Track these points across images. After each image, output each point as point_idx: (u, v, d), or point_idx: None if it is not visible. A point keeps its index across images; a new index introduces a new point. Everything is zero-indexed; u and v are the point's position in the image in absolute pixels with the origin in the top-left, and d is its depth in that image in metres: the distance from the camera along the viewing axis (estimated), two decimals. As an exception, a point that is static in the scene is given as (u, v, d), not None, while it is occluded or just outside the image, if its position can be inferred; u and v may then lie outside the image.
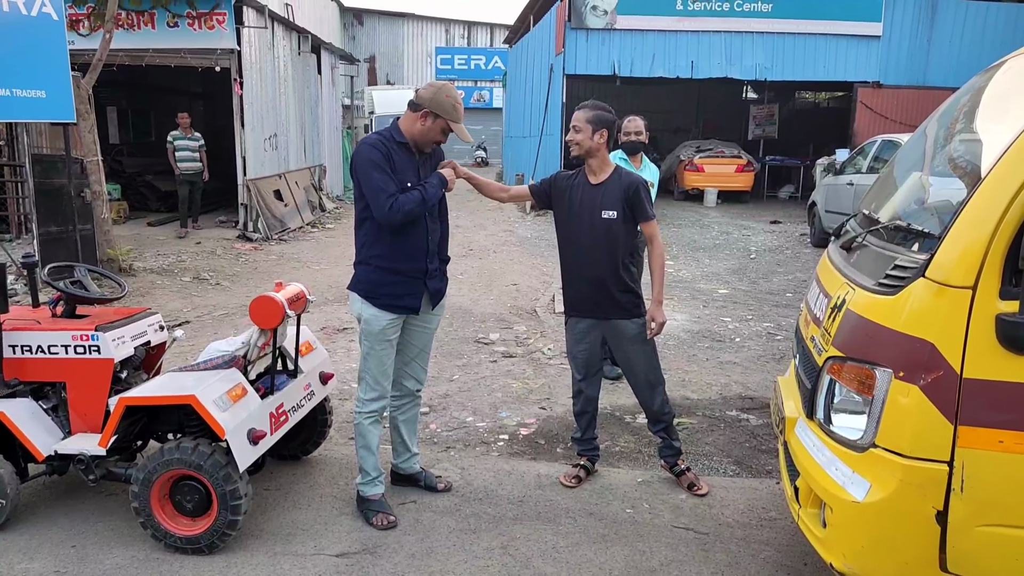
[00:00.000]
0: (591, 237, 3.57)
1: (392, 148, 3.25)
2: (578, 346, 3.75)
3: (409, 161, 3.31)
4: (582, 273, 3.63)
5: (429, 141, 3.31)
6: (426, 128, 3.26)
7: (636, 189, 3.57)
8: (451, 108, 3.25)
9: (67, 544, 3.22)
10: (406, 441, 3.69)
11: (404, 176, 3.25)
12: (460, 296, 8.22)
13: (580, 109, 3.62)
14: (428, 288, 3.42)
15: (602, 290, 3.59)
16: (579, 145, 3.57)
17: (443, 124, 3.26)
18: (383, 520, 3.36)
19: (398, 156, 3.25)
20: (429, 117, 3.24)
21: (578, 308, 3.72)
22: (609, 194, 3.57)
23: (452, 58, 33.95)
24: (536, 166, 17.36)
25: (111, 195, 11.67)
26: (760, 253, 11.36)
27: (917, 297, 2.15)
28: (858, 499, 2.21)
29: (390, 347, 3.39)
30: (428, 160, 3.43)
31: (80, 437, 3.34)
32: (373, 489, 3.46)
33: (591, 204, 3.58)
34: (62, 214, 8.28)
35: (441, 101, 3.23)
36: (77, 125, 8.47)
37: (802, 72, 16.37)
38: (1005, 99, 2.63)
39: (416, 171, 3.33)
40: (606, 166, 3.63)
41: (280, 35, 14.11)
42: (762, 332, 6.83)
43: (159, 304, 7.65)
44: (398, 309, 3.35)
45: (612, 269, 3.58)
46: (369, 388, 3.41)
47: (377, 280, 3.32)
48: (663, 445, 3.83)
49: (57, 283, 3.49)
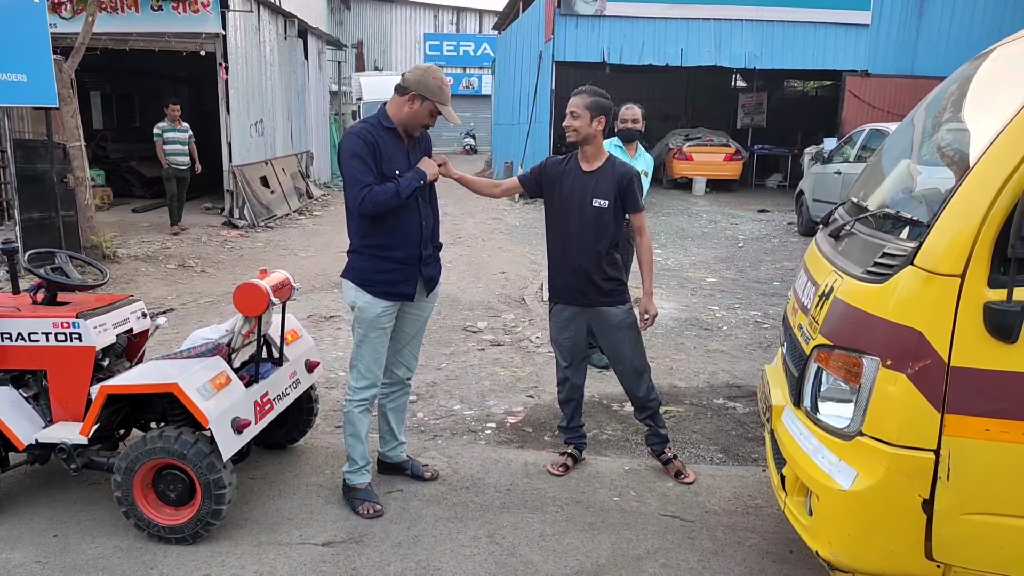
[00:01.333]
0: (580, 224, 3.54)
1: (379, 135, 3.21)
2: (563, 334, 3.74)
3: (398, 147, 3.27)
4: (568, 260, 3.60)
5: (418, 124, 3.27)
6: (414, 111, 3.23)
7: (630, 180, 3.55)
8: (438, 90, 3.21)
9: (49, 534, 3.18)
10: (394, 429, 3.66)
11: (393, 163, 3.21)
12: (448, 284, 8.18)
13: (578, 95, 3.55)
14: (423, 274, 3.39)
15: (587, 278, 3.57)
16: (576, 131, 3.52)
17: (431, 107, 3.22)
18: (369, 509, 3.35)
19: (386, 143, 3.22)
20: (417, 100, 3.21)
21: (563, 295, 3.69)
22: (602, 182, 3.54)
23: (441, 44, 33.75)
24: (525, 153, 17.30)
25: (94, 181, 11.54)
26: (748, 241, 11.38)
27: (905, 285, 2.14)
28: (844, 487, 2.21)
29: (384, 335, 3.37)
30: (418, 145, 3.39)
31: (61, 426, 3.30)
32: (360, 478, 3.44)
33: (582, 191, 3.54)
34: (44, 200, 8.17)
35: (428, 83, 3.20)
36: (59, 110, 8.35)
37: (791, 60, 16.38)
38: (994, 87, 2.62)
39: (406, 157, 3.29)
40: (600, 154, 3.60)
41: (266, 19, 13.95)
42: (749, 320, 6.84)
43: (143, 291, 7.57)
44: (393, 296, 3.32)
45: (598, 257, 3.55)
46: (361, 376, 3.38)
47: (371, 268, 3.29)
48: (650, 433, 3.83)
49: (38, 270, 3.44)
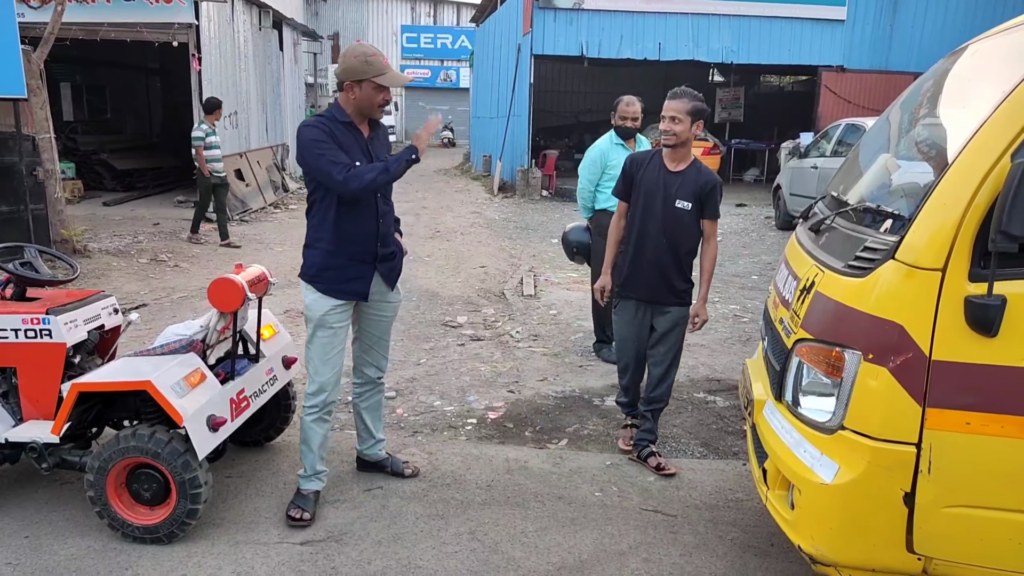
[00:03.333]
0: (662, 223, 3.59)
1: (335, 128, 3.10)
2: (629, 328, 3.79)
3: (355, 140, 3.15)
4: (645, 256, 3.64)
5: (373, 105, 3.13)
6: (359, 97, 3.10)
7: (713, 187, 3.59)
8: (365, 66, 3.05)
9: (20, 535, 3.11)
10: (370, 428, 3.61)
11: (351, 155, 3.09)
12: (427, 279, 8.14)
13: (677, 99, 3.49)
14: (380, 272, 3.28)
15: (662, 276, 3.63)
16: (676, 136, 3.50)
17: (371, 84, 3.07)
18: (297, 514, 3.20)
19: (343, 136, 3.10)
20: (354, 87, 3.08)
21: (635, 290, 3.72)
22: (686, 185, 3.57)
23: (418, 36, 33.58)
24: (504, 147, 17.26)
25: (65, 174, 11.29)
26: (726, 236, 11.44)
27: (886, 279, 2.15)
28: (826, 481, 2.22)
29: (333, 336, 3.23)
30: (376, 138, 3.26)
31: (32, 424, 3.22)
32: (307, 484, 3.31)
33: (666, 190, 3.58)
34: (13, 193, 8.00)
35: (353, 67, 3.06)
36: (28, 101, 8.17)
37: (768, 56, 16.49)
38: (971, 83, 2.63)
39: (364, 150, 3.17)
40: (688, 156, 3.63)
41: (240, 9, 13.75)
42: (728, 314, 6.87)
43: (115, 286, 7.44)
44: (344, 295, 3.21)
45: (676, 258, 3.62)
46: (311, 380, 3.26)
47: (321, 264, 3.18)
48: (646, 428, 3.85)
49: (6, 264, 3.35)
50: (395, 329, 6.65)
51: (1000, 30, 2.56)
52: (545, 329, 6.31)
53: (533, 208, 14.43)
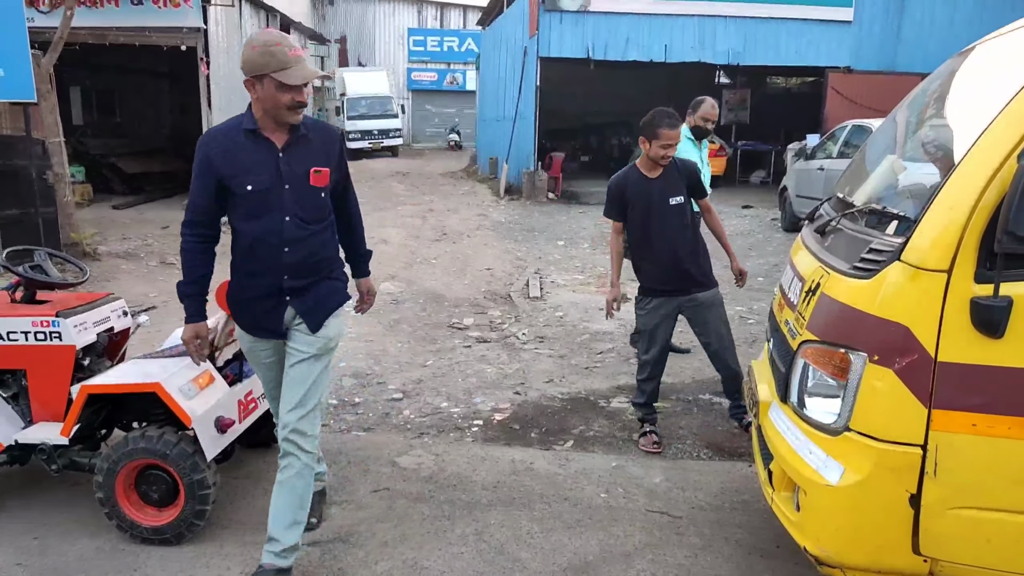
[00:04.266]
0: (668, 222, 3.90)
1: (235, 141, 2.65)
2: (660, 322, 4.01)
3: (260, 152, 2.64)
4: (667, 256, 3.93)
5: (281, 107, 2.57)
6: (264, 96, 2.57)
7: (694, 170, 4.03)
8: (265, 58, 2.52)
9: (28, 535, 3.13)
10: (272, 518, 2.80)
11: (250, 174, 2.63)
12: (433, 280, 8.16)
13: (675, 128, 3.81)
14: (296, 309, 2.76)
15: (687, 268, 3.93)
16: (669, 158, 3.88)
17: (273, 82, 2.53)
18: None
19: (243, 150, 2.64)
20: (256, 83, 2.56)
21: (665, 288, 3.97)
22: (671, 183, 3.91)
23: (425, 39, 33.61)
24: (510, 149, 17.27)
25: (74, 177, 11.41)
26: (732, 237, 11.30)
27: (892, 281, 2.15)
28: (832, 483, 2.21)
29: (266, 371, 2.92)
30: (297, 148, 2.68)
31: (42, 426, 3.25)
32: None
33: (658, 194, 3.90)
34: (23, 197, 8.07)
35: (250, 58, 2.55)
36: (38, 105, 8.26)
37: (774, 57, 16.44)
38: (977, 84, 2.63)
39: (272, 166, 2.64)
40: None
41: (248, 13, 13.84)
42: (734, 316, 6.84)
43: (124, 289, 7.47)
44: (256, 332, 2.84)
45: (693, 247, 3.96)
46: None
47: (236, 293, 2.84)
48: (735, 405, 4.14)
49: (16, 268, 3.38)
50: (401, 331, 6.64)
51: (1008, 30, 2.56)
52: (551, 331, 6.31)
53: (539, 210, 14.44)
